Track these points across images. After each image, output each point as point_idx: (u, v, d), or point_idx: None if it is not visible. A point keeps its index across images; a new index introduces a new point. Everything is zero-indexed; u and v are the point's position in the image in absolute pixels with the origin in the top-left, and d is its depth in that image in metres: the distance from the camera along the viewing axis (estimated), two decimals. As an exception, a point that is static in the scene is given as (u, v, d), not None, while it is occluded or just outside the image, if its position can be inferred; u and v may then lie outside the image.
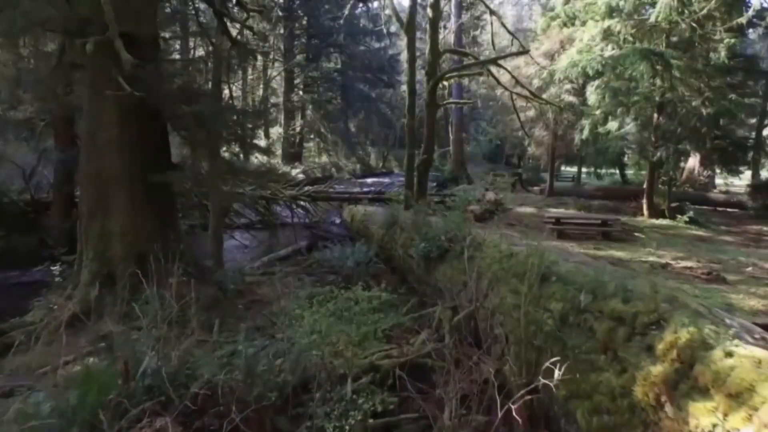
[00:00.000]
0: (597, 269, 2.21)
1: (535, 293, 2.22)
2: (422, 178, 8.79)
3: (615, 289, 1.91)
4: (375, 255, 5.91)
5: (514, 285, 2.61)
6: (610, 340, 1.80)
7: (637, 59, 8.58)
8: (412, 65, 8.20)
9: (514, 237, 3.58)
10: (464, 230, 3.71)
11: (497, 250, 3.12)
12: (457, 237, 3.68)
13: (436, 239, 3.82)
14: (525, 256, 2.78)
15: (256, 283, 6.13)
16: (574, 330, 2.00)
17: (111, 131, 4.91)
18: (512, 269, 2.75)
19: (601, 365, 1.79)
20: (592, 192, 15.39)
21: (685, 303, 1.70)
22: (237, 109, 4.85)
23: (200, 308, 4.80)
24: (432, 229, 4.06)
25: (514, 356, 2.23)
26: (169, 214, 5.49)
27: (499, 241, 3.27)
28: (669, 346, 1.54)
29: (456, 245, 3.64)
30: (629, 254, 7.30)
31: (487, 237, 3.53)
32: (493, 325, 2.60)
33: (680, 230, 9.57)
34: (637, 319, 1.72)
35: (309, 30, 28.53)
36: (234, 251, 11.10)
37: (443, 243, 3.73)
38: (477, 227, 9.30)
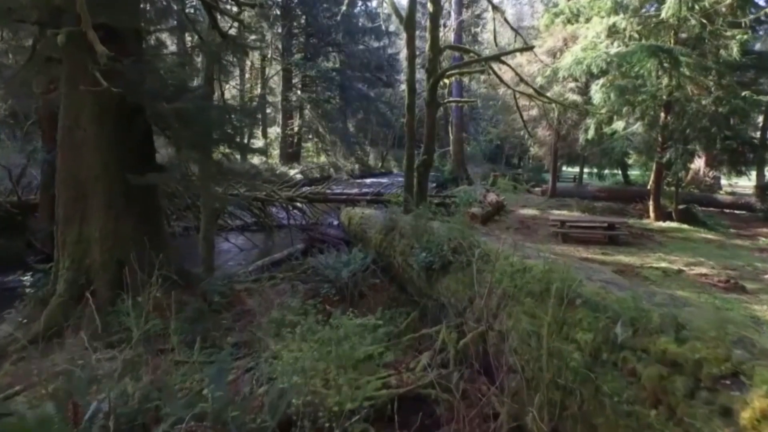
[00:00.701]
0: (634, 293, 1.87)
1: (557, 319, 1.89)
2: (422, 179, 8.46)
3: (662, 321, 1.56)
4: (372, 262, 5.58)
5: (529, 306, 2.28)
6: (662, 391, 1.45)
7: (645, 56, 8.26)
8: (412, 62, 7.87)
9: (526, 247, 3.24)
10: (469, 238, 3.38)
11: (508, 263, 2.78)
12: (461, 246, 3.35)
13: (439, 249, 3.49)
14: (542, 271, 2.45)
15: (247, 292, 5.78)
16: (610, 370, 1.65)
17: (88, 129, 4.57)
18: (526, 287, 2.42)
19: (653, 424, 1.44)
20: (595, 193, 15.09)
21: (766, 349, 1.35)
22: (225, 107, 4.53)
23: (182, 321, 4.48)
24: (434, 236, 3.73)
25: (533, 394, 1.90)
26: (153, 218, 5.14)
27: (509, 252, 2.94)
28: (760, 415, 1.19)
29: (460, 255, 3.30)
30: (639, 259, 6.98)
31: (496, 246, 3.19)
32: (506, 351, 2.27)
33: (689, 233, 9.25)
34: (703, 369, 1.36)
35: (307, 29, 28.23)
36: (228, 254, 10.79)
37: (446, 253, 3.40)
38: (479, 230, 9.01)
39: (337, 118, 29.30)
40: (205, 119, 4.26)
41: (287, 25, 26.76)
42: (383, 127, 33.51)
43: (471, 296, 2.91)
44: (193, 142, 4.58)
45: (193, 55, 4.75)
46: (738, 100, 8.17)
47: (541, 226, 9.65)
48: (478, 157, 26.46)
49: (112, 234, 4.71)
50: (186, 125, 4.32)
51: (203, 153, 4.88)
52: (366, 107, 29.24)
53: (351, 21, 28.39)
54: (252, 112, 5.12)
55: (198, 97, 4.42)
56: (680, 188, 11.82)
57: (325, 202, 12.83)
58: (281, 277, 6.63)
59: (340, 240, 10.54)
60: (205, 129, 4.52)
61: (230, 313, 5.14)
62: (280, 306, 5.02)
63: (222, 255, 10.60)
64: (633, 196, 14.06)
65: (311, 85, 29.29)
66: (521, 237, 8.72)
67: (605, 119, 11.07)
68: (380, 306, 5.02)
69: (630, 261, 6.87)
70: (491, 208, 10.68)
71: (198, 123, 4.33)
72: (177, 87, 4.71)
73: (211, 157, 5.10)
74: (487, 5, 25.85)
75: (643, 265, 6.59)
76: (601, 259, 7.00)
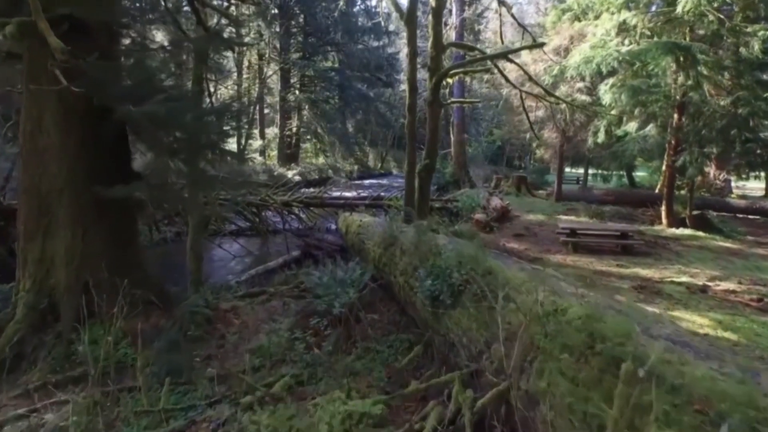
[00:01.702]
0: (743, 377, 1.35)
1: (626, 412, 1.38)
2: (424, 184, 7.97)
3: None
4: (371, 278, 5.09)
5: (567, 365, 1.79)
6: None
7: (661, 54, 7.77)
8: (413, 60, 7.38)
9: (554, 278, 2.74)
10: (483, 264, 2.89)
11: (533, 300, 2.30)
12: (474, 273, 2.87)
13: (446, 275, 3.00)
14: (579, 316, 1.96)
15: (234, 311, 5.29)
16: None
17: (52, 134, 4.08)
18: (561, 336, 1.94)
19: None
20: (602, 196, 14.58)
21: None
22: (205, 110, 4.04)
23: (157, 350, 3.99)
24: (440, 259, 3.23)
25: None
26: (128, 233, 4.65)
27: (534, 285, 2.45)
28: None
29: (473, 285, 2.82)
30: (657, 272, 6.50)
31: (517, 275, 2.70)
32: (537, 421, 1.79)
33: (705, 241, 8.77)
34: None
35: (305, 27, 27.75)
36: (221, 261, 10.31)
37: (456, 282, 2.91)
38: (484, 238, 8.53)
39: (335, 119, 28.81)
40: (181, 123, 3.77)
41: (285, 23, 26.29)
42: (383, 128, 33.05)
43: (488, 339, 2.42)
44: (169, 148, 4.09)
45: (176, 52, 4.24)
46: (761, 102, 7.69)
47: (549, 233, 9.16)
48: (480, 158, 25.97)
49: (79, 252, 4.21)
50: (159, 130, 3.83)
51: (186, 160, 4.40)
52: (365, 107, 28.75)
53: (350, 20, 27.92)
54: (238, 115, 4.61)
55: (175, 98, 3.92)
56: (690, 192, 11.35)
57: (322, 207, 12.34)
58: (272, 292, 6.15)
59: (337, 247, 10.06)
60: (183, 134, 4.02)
61: (214, 338, 4.66)
62: (268, 332, 4.56)
63: (214, 262, 10.14)
64: (641, 200, 13.59)
65: (310, 85, 28.83)
66: (529, 245, 8.24)
67: (615, 121, 10.59)
68: (378, 331, 4.56)
69: (648, 274, 6.38)
70: (496, 214, 10.18)
71: (173, 127, 3.84)
72: (149, 87, 4.22)
73: (195, 165, 4.62)
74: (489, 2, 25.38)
75: (663, 280, 6.10)
76: (617, 272, 6.51)
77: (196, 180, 4.53)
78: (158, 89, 4.03)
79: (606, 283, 5.84)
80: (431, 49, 7.72)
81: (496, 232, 9.45)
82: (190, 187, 4.54)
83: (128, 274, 4.51)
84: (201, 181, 4.61)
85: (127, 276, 4.50)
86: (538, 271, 2.89)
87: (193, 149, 4.26)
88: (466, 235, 6.43)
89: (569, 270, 6.55)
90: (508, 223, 10.47)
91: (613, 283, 5.84)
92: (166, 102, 3.80)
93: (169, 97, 4.00)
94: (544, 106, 11.60)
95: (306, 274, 5.85)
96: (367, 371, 3.50)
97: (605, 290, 5.51)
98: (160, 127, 3.79)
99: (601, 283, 5.80)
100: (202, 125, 4.00)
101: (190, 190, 4.53)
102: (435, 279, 3.03)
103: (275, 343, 4.07)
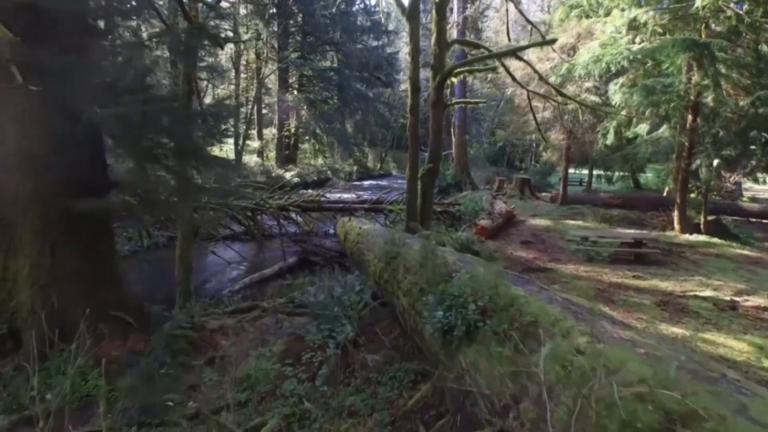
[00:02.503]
0: None
1: None
2: (427, 189, 7.54)
3: None
4: (372, 296, 4.66)
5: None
6: None
7: (678, 51, 7.34)
8: (416, 57, 6.95)
9: (593, 311, 2.30)
10: (504, 295, 2.47)
11: (571, 346, 1.87)
12: (494, 304, 2.44)
13: (460, 305, 2.57)
14: (642, 378, 1.53)
15: (221, 331, 4.85)
16: None
17: (12, 141, 3.64)
18: (616, 408, 1.51)
19: None
20: (608, 200, 14.16)
21: None
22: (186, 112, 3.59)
23: (131, 380, 3.55)
24: (452, 285, 2.80)
25: None
26: (104, 247, 4.21)
27: (571, 325, 2.02)
28: None
29: (494, 319, 2.39)
30: (677, 285, 6.07)
31: (548, 311, 2.27)
32: None
33: (722, 249, 8.35)
34: None
35: (304, 27, 27.30)
36: (214, 268, 9.89)
37: (471, 314, 2.48)
38: (488, 245, 8.09)
39: (334, 119, 28.34)
40: (159, 127, 3.34)
41: (283, 22, 25.84)
42: (382, 128, 32.63)
43: (516, 394, 1.98)
44: (148, 154, 3.65)
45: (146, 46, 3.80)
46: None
47: (558, 240, 8.74)
48: (481, 160, 25.53)
49: (47, 270, 3.77)
50: (134, 134, 3.40)
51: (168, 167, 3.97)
52: (364, 108, 28.29)
53: (349, 19, 27.50)
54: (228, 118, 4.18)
55: (152, 98, 3.49)
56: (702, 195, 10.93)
57: (320, 211, 11.90)
58: (265, 307, 5.71)
59: (336, 253, 9.65)
60: (162, 138, 3.59)
61: (198, 363, 4.22)
62: (258, 357, 4.12)
63: (207, 269, 9.71)
64: (650, 204, 13.17)
65: (308, 85, 28.40)
66: (538, 254, 7.81)
67: (625, 122, 10.17)
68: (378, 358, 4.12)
69: (668, 287, 5.96)
70: (502, 219, 9.75)
71: (150, 131, 3.41)
72: (131, 87, 3.78)
73: (178, 173, 4.19)
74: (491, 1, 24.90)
75: (686, 293, 5.68)
76: (634, 284, 6.08)
77: (178, 189, 4.11)
78: (135, 88, 3.59)
79: (625, 297, 5.41)
80: (434, 47, 7.30)
81: (501, 238, 9.03)
82: (174, 197, 4.11)
83: (104, 293, 4.09)
84: (185, 190, 4.18)
85: (103, 295, 4.08)
86: (572, 302, 2.45)
87: (174, 155, 3.83)
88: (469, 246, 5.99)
89: (583, 282, 6.13)
90: (513, 229, 10.05)
91: (632, 298, 5.41)
92: (144, 103, 3.37)
93: (147, 98, 3.58)
94: (551, 107, 11.16)
95: (302, 290, 5.41)
96: (368, 410, 3.06)
97: (626, 306, 5.08)
98: (134, 131, 3.35)
99: (619, 298, 5.38)
100: (184, 129, 3.56)
101: (173, 199, 4.10)
102: (447, 310, 2.59)
103: (264, 371, 3.64)
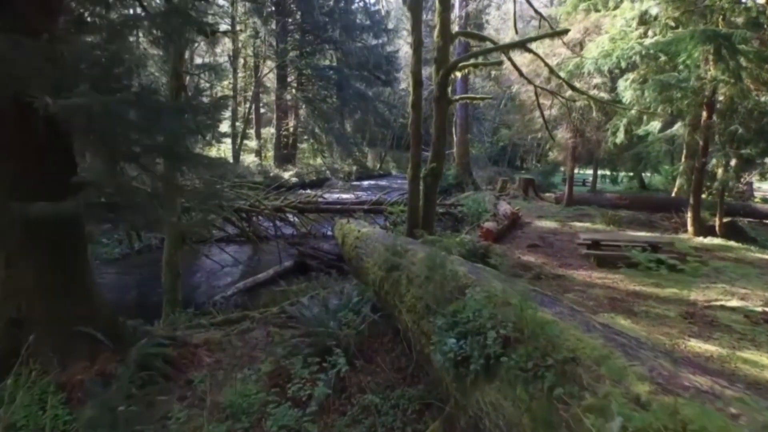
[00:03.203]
0: None
1: None
2: (430, 191, 7.11)
3: None
4: (372, 308, 4.23)
5: None
6: None
7: (697, 44, 6.91)
8: (418, 50, 6.52)
9: (654, 354, 1.86)
10: (532, 319, 2.04)
11: (623, 390, 1.45)
12: (519, 332, 2.02)
13: (476, 331, 2.15)
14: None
15: (207, 346, 4.42)
16: None
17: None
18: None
19: None
20: (615, 201, 13.73)
21: None
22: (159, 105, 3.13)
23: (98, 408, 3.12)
24: (465, 305, 2.37)
25: None
26: (71, 255, 3.76)
27: (623, 365, 1.60)
28: None
29: (519, 351, 1.96)
30: (700, 293, 5.64)
31: (587, 341, 1.84)
32: None
33: (740, 253, 7.91)
34: None
35: (302, 25, 26.89)
36: (206, 272, 9.48)
37: (492, 344, 2.06)
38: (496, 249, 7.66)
39: (333, 118, 27.96)
40: (124, 121, 2.90)
41: (281, 20, 25.44)
42: (381, 128, 32.23)
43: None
44: (115, 153, 3.22)
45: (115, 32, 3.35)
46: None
47: (567, 244, 8.31)
48: (482, 159, 25.11)
49: (2, 284, 3.34)
50: (97, 129, 2.97)
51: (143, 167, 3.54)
52: (364, 107, 27.88)
53: (348, 17, 27.11)
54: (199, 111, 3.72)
55: (117, 89, 3.06)
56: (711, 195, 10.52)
57: (318, 212, 11.48)
58: (256, 317, 5.28)
59: (334, 257, 9.24)
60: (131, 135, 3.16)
61: (177, 386, 3.78)
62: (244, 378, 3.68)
63: (199, 273, 9.30)
64: (658, 205, 12.75)
65: (307, 84, 28.00)
66: (547, 258, 7.38)
67: (635, 119, 9.75)
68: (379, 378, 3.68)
69: (690, 296, 5.53)
70: (507, 221, 9.32)
71: (115, 126, 2.97)
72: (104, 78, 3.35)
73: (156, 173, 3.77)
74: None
75: (711, 303, 5.25)
76: (653, 292, 5.66)
77: (153, 190, 3.68)
78: (98, 78, 3.16)
79: (647, 308, 4.98)
80: (438, 39, 6.87)
81: (506, 241, 8.61)
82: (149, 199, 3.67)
83: (70, 307, 3.66)
84: (162, 192, 3.75)
85: (69, 310, 3.65)
86: (614, 330, 2.02)
87: (145, 153, 3.40)
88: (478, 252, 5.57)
89: (598, 291, 5.70)
90: (519, 231, 9.62)
91: (654, 309, 4.98)
92: (108, 94, 2.94)
93: (113, 89, 3.15)
94: (557, 104, 10.74)
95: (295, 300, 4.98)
96: (367, 447, 2.64)
97: (648, 319, 4.65)
98: (97, 126, 2.92)
99: (640, 309, 4.95)
100: (157, 124, 3.13)
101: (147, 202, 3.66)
102: (461, 337, 2.16)
103: (248, 399, 3.20)
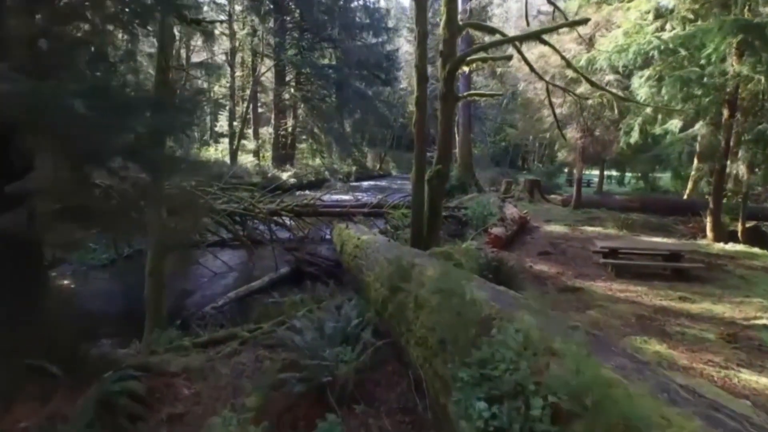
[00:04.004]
0: None
1: None
2: (435, 194, 6.59)
3: None
4: (373, 332, 3.70)
5: None
6: None
7: (725, 36, 6.39)
8: (423, 43, 6.01)
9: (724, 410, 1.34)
10: (594, 383, 1.52)
11: None
12: (577, 402, 1.50)
13: (513, 393, 1.63)
14: None
15: (186, 375, 3.88)
16: None
17: None
18: None
19: None
20: (624, 203, 13.21)
21: None
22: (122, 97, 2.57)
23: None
24: (495, 353, 1.84)
25: None
26: (24, 274, 3.23)
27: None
28: None
29: (573, 425, 1.44)
30: (735, 309, 5.11)
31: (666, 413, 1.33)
32: None
33: (766, 261, 7.40)
34: None
35: (301, 23, 26.39)
36: (199, 279, 8.97)
37: (538, 418, 1.53)
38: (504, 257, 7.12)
39: (333, 118, 27.43)
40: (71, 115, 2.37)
41: (280, 18, 24.93)
42: (381, 128, 31.70)
43: None
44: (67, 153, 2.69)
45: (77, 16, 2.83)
46: None
47: (580, 251, 7.78)
48: (485, 160, 24.59)
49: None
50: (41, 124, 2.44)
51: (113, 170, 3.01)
52: (363, 106, 27.35)
53: (347, 15, 26.61)
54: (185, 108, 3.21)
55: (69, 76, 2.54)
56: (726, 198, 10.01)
57: (316, 215, 10.95)
58: (244, 337, 4.75)
59: (332, 263, 8.74)
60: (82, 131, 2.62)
61: (149, 425, 3.25)
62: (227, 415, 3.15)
63: (190, 280, 8.78)
64: (670, 208, 12.25)
65: (306, 83, 27.48)
66: (561, 268, 6.85)
67: (650, 119, 9.23)
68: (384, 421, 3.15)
69: (725, 312, 5.00)
70: (516, 226, 8.79)
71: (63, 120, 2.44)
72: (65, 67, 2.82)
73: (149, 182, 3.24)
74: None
75: (751, 322, 4.72)
76: (682, 308, 5.13)
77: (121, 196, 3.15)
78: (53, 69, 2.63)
79: (681, 329, 4.45)
80: (444, 31, 6.35)
81: (515, 248, 8.08)
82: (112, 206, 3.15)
83: (19, 337, 3.13)
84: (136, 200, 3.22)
85: (18, 341, 3.12)
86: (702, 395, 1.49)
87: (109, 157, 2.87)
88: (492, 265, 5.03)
89: (623, 306, 5.17)
90: (528, 237, 9.09)
91: (689, 330, 4.45)
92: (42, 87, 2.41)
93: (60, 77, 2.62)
94: (567, 103, 10.22)
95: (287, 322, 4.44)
96: None
97: (687, 343, 4.13)
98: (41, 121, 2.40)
99: (673, 330, 4.42)
100: (113, 120, 2.60)
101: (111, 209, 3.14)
102: (494, 401, 1.63)
103: None
